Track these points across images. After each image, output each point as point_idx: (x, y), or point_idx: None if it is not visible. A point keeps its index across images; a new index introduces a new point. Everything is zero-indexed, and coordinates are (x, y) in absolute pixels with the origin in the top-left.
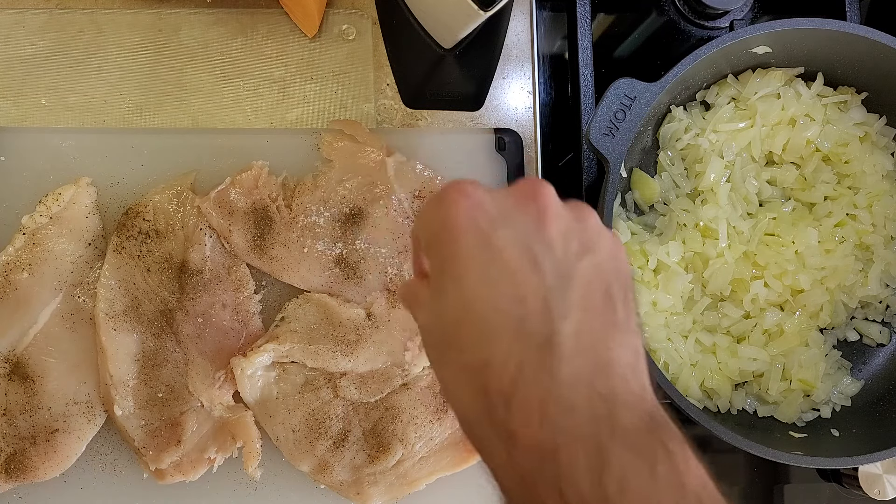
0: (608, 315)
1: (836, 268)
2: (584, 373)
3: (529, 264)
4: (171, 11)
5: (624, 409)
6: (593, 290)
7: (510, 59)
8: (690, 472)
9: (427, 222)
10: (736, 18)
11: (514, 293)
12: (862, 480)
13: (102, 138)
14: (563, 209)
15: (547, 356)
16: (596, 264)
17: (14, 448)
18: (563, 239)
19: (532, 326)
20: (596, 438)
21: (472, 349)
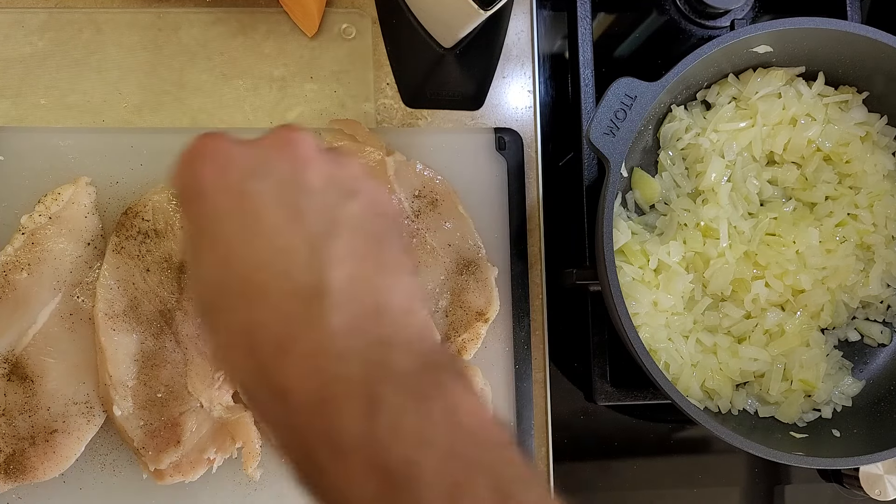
0: (378, 259)
1: (837, 268)
2: (356, 320)
3: (290, 215)
4: (171, 10)
5: (398, 352)
6: (360, 236)
7: (510, 59)
8: (466, 409)
9: (177, 184)
10: (737, 18)
11: (276, 246)
12: (863, 481)
13: (101, 138)
14: (321, 156)
15: (316, 307)
16: (361, 208)
17: (13, 448)
18: (325, 185)
19: (298, 278)
20: (367, 384)
21: (238, 310)
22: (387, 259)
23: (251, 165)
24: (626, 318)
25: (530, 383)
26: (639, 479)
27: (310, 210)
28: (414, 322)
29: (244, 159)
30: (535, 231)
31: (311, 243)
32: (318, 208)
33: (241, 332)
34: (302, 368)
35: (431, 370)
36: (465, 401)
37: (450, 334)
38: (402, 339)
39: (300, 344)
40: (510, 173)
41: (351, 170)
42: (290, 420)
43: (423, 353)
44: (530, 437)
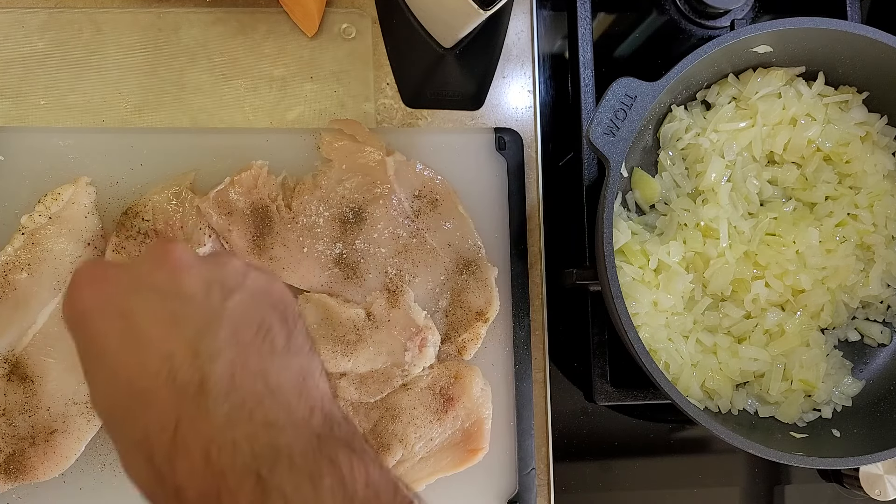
0: (265, 345)
1: (837, 268)
2: (243, 408)
3: (170, 321)
4: (171, 10)
5: (288, 433)
6: (245, 326)
7: (510, 59)
8: (359, 481)
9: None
10: (737, 18)
11: (159, 352)
12: (863, 481)
13: (101, 138)
14: (197, 261)
15: (202, 401)
16: (244, 301)
17: (13, 448)
18: (204, 288)
19: (183, 377)
20: (257, 471)
21: (130, 421)
22: (275, 343)
23: (129, 284)
24: (626, 318)
25: (530, 383)
26: (639, 479)
27: (188, 313)
28: (306, 400)
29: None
30: (535, 231)
31: (191, 343)
32: (197, 309)
33: (137, 441)
34: (192, 466)
35: (322, 447)
36: (360, 473)
37: (450, 334)
38: (294, 419)
39: (189, 442)
40: (510, 173)
41: (231, 267)
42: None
43: (314, 432)
44: (530, 437)
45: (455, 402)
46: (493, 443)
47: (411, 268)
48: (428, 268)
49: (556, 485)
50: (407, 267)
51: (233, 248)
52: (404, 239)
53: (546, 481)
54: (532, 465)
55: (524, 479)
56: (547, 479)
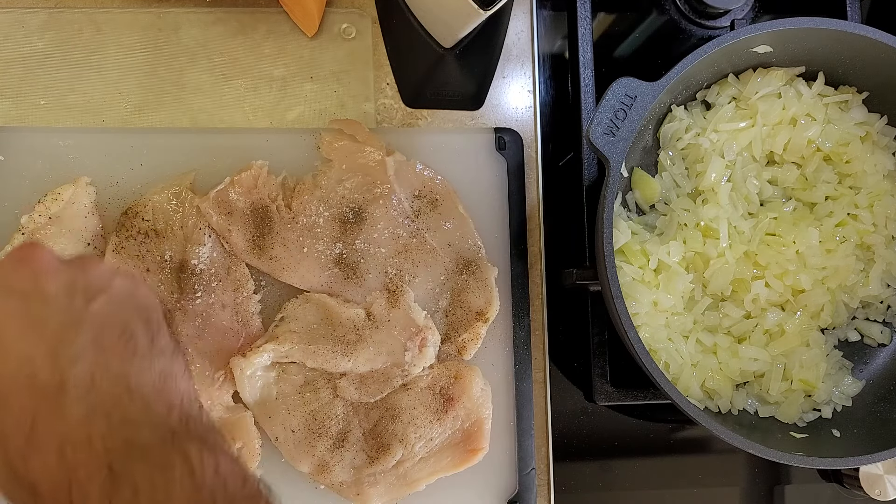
0: (127, 348)
1: (837, 268)
2: (101, 407)
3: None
4: (171, 10)
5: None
6: (108, 329)
7: (510, 59)
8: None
9: None
10: (737, 18)
11: (19, 355)
12: (863, 481)
13: (101, 138)
14: (60, 266)
15: (60, 402)
16: (108, 305)
17: None
18: (67, 291)
19: (43, 379)
20: (109, 463)
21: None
22: (138, 346)
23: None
24: (626, 318)
25: (530, 383)
26: (639, 479)
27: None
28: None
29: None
30: (535, 231)
31: (52, 346)
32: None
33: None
34: (46, 463)
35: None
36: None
37: (450, 334)
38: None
39: (44, 440)
40: (510, 173)
41: (95, 271)
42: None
43: (172, 427)
44: (530, 437)
45: (455, 402)
46: (493, 443)
47: (411, 268)
48: (428, 268)
49: (556, 485)
50: (407, 267)
51: (233, 248)
52: (404, 239)
53: (546, 481)
54: (532, 465)
55: (524, 479)
56: (547, 479)
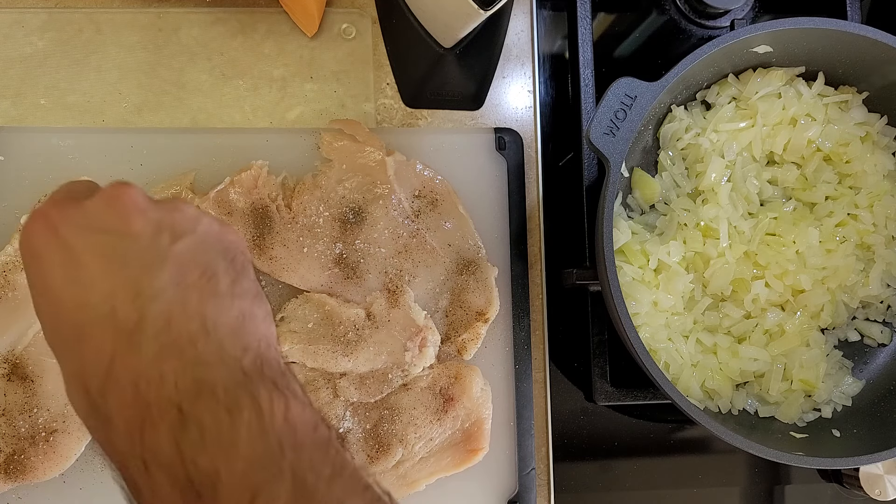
0: (208, 287)
1: (837, 268)
2: (175, 345)
3: (116, 260)
4: (171, 10)
5: (216, 369)
6: (189, 268)
7: (510, 59)
8: (277, 415)
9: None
10: (737, 18)
11: (101, 289)
12: (863, 481)
13: (101, 138)
14: (149, 204)
15: (136, 338)
16: (192, 245)
17: (13, 448)
18: (153, 230)
19: (122, 314)
20: (179, 403)
21: (71, 352)
22: (219, 286)
23: (81, 222)
24: (626, 318)
25: (530, 383)
26: (639, 479)
27: (134, 253)
28: (241, 340)
29: (75, 218)
30: (535, 231)
31: (133, 283)
32: (144, 250)
33: (76, 372)
34: (122, 398)
35: (246, 383)
36: (279, 408)
37: (450, 334)
38: (224, 357)
39: (120, 375)
40: (510, 173)
41: (184, 213)
42: (116, 447)
43: (245, 369)
44: (530, 437)
45: (455, 402)
46: (493, 443)
47: (411, 268)
48: (428, 268)
49: (556, 485)
50: (407, 267)
51: None
52: (404, 239)
53: (546, 481)
54: (532, 465)
55: (524, 479)
56: (547, 479)
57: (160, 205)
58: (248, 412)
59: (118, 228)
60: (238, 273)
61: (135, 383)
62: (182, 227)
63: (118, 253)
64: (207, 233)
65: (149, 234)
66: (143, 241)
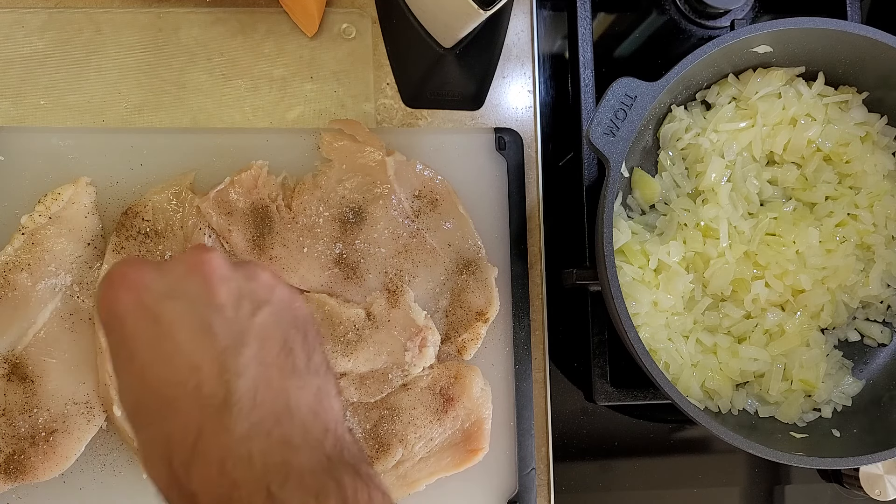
0: (287, 363)
1: (837, 268)
2: (263, 425)
3: (201, 332)
4: (171, 10)
5: (301, 452)
6: (270, 343)
7: (510, 59)
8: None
9: (99, 307)
10: (737, 18)
11: (188, 363)
12: (863, 481)
13: (101, 138)
14: (230, 272)
15: (225, 416)
16: (271, 317)
17: (13, 448)
18: (235, 300)
19: (209, 390)
20: (267, 485)
21: (155, 424)
22: (296, 362)
23: (164, 289)
24: (626, 318)
25: (530, 383)
26: (639, 479)
27: (219, 325)
28: (321, 421)
29: (157, 283)
30: (535, 231)
31: (219, 357)
32: (227, 323)
33: (159, 443)
34: (208, 475)
35: (330, 468)
36: (363, 497)
37: (450, 334)
38: (308, 439)
39: (207, 452)
40: (510, 173)
41: (261, 281)
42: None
43: (328, 452)
44: (530, 437)
45: (455, 402)
46: (493, 443)
47: (411, 268)
48: (428, 268)
49: (556, 485)
50: (407, 267)
51: (233, 248)
52: (404, 239)
53: (546, 481)
54: (532, 465)
55: (524, 479)
56: (547, 479)
57: (239, 271)
58: (334, 499)
59: (202, 297)
60: (311, 347)
61: (222, 461)
62: (261, 297)
63: (204, 324)
64: (282, 303)
65: (231, 303)
66: (225, 311)
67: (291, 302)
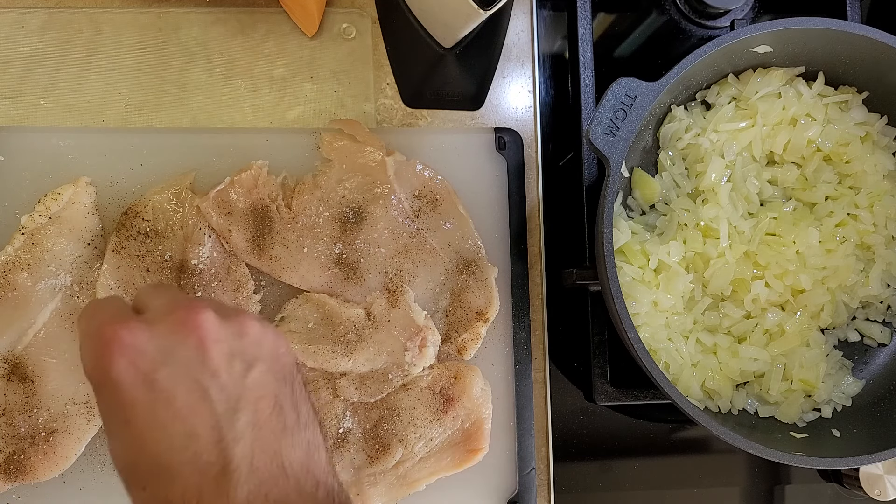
0: (279, 423)
1: (837, 268)
2: (261, 489)
3: (197, 398)
4: (171, 10)
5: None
6: (262, 403)
7: (510, 59)
8: None
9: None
10: (737, 18)
11: (184, 430)
12: (863, 481)
13: (101, 138)
14: (222, 331)
15: (224, 483)
16: (262, 375)
17: (13, 448)
18: (227, 362)
19: (207, 458)
20: None
21: (151, 487)
22: (287, 420)
23: (157, 352)
24: (626, 318)
25: (530, 383)
26: (639, 479)
27: (214, 391)
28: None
29: (150, 346)
30: (535, 231)
31: (216, 424)
32: (222, 387)
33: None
34: None
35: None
36: None
37: (450, 334)
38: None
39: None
40: (510, 173)
41: (251, 336)
42: None
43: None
44: (530, 437)
45: (455, 402)
46: (493, 443)
47: (411, 268)
48: (428, 268)
49: (556, 485)
50: (407, 267)
51: (233, 248)
52: (404, 239)
53: (546, 481)
54: (532, 465)
55: (524, 479)
56: (547, 479)
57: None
58: None
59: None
60: (297, 398)
61: None
62: (251, 354)
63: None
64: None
65: (224, 366)
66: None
67: (278, 351)
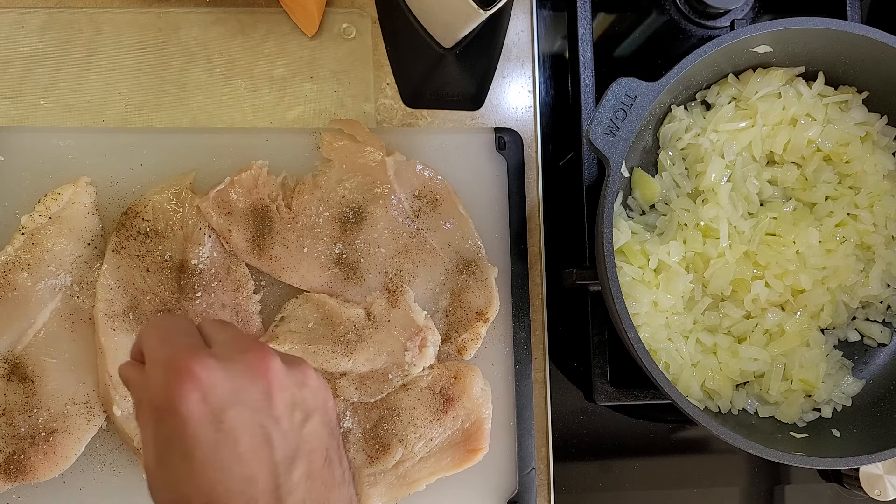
0: (328, 476)
1: (837, 268)
2: None
3: (260, 443)
4: (171, 10)
5: None
6: (315, 456)
7: (510, 59)
8: None
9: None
10: (737, 18)
11: (244, 474)
12: (863, 481)
13: (101, 138)
14: (287, 379)
15: None
16: (317, 427)
17: (13, 448)
18: (290, 411)
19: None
20: None
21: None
22: (334, 473)
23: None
24: (626, 318)
25: (530, 383)
26: (639, 479)
27: (276, 438)
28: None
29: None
30: (535, 231)
31: (274, 471)
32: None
33: None
34: None
35: None
36: None
37: (450, 334)
38: None
39: None
40: (510, 173)
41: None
42: None
43: None
44: (530, 437)
45: (455, 402)
46: (493, 443)
47: (411, 268)
48: (428, 268)
49: (556, 485)
50: (407, 267)
51: (233, 248)
52: (404, 239)
53: (546, 481)
54: (532, 465)
55: (524, 479)
56: (547, 479)
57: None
58: None
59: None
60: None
61: None
62: (310, 405)
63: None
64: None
65: (286, 414)
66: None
67: (328, 403)
